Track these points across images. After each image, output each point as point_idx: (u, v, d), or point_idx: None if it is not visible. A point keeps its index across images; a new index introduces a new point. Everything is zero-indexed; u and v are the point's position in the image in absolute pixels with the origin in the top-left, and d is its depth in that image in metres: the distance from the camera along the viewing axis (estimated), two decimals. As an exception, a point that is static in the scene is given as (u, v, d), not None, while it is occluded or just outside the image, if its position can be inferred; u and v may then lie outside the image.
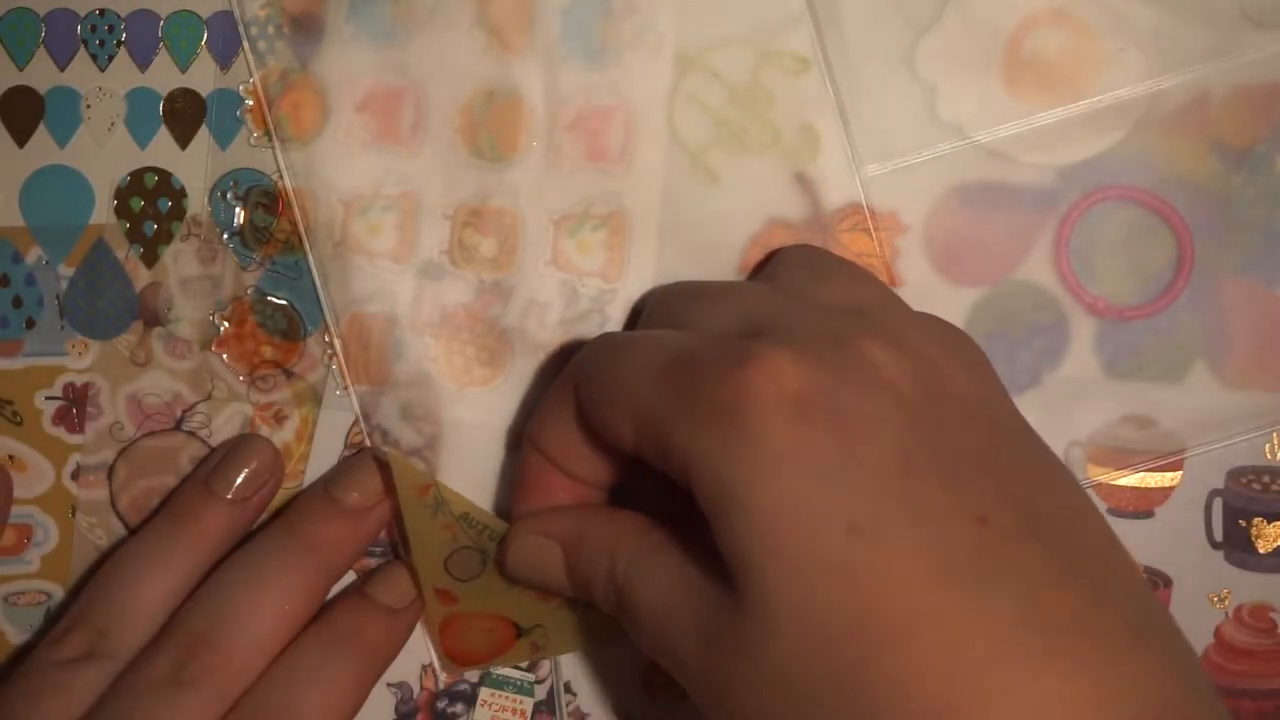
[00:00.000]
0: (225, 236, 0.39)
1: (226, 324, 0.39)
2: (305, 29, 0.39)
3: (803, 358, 0.29)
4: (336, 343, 0.39)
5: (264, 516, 0.39)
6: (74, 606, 0.36)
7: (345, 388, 0.39)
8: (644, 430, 0.31)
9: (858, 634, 0.27)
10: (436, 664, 0.39)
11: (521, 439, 0.36)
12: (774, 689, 0.28)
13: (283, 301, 0.39)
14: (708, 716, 0.31)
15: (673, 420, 0.30)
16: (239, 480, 0.37)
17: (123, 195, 0.39)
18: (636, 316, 0.38)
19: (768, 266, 0.37)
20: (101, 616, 0.35)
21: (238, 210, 0.39)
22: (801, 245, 0.38)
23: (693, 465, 0.30)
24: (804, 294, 0.34)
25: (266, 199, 0.39)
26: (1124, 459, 0.38)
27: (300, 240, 0.39)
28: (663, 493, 0.32)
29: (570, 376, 0.34)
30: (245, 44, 0.39)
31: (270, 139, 0.39)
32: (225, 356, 0.39)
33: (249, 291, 0.39)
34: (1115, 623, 0.27)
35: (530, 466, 0.36)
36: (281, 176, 0.39)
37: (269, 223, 0.39)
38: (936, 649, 0.27)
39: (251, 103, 0.39)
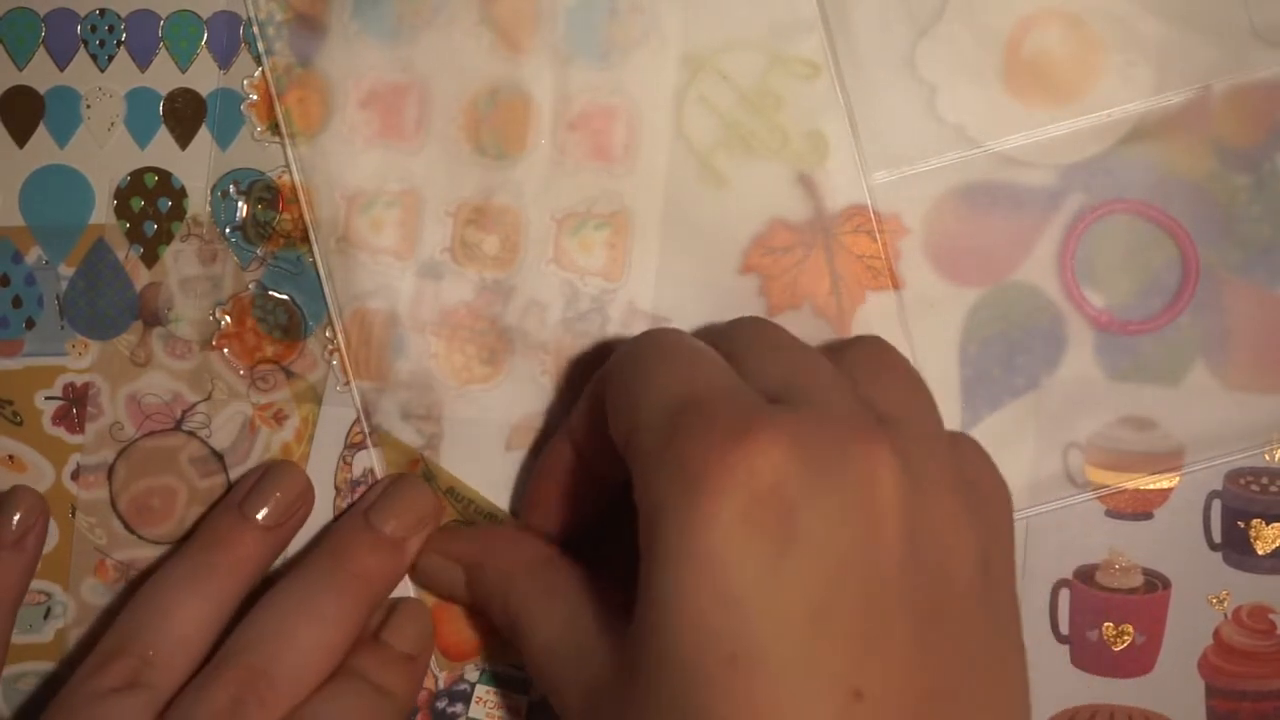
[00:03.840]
0: (227, 231, 0.39)
1: (228, 318, 0.39)
2: (311, 25, 0.39)
3: (799, 450, 0.29)
4: (339, 337, 0.39)
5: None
6: (110, 633, 0.36)
7: (347, 383, 0.39)
8: (629, 447, 0.31)
9: None
10: (433, 662, 0.39)
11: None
12: None
13: (284, 297, 0.39)
14: None
15: (654, 454, 0.30)
16: (272, 506, 0.37)
17: (123, 195, 0.39)
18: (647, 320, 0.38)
19: (839, 346, 0.35)
20: (142, 645, 0.35)
21: (240, 204, 0.39)
22: (877, 340, 0.35)
23: (645, 506, 0.30)
24: (855, 380, 0.33)
25: (269, 194, 0.39)
26: (1123, 462, 0.38)
27: (302, 235, 0.39)
28: None
29: (608, 366, 0.34)
30: (255, 35, 0.39)
31: (274, 133, 0.39)
32: (226, 351, 0.39)
33: (250, 286, 0.39)
34: None
35: (553, 448, 0.36)
36: (285, 171, 0.39)
37: (271, 217, 0.39)
38: None
39: (256, 97, 0.39)
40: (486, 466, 0.39)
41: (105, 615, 0.39)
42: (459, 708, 0.39)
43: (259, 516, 0.37)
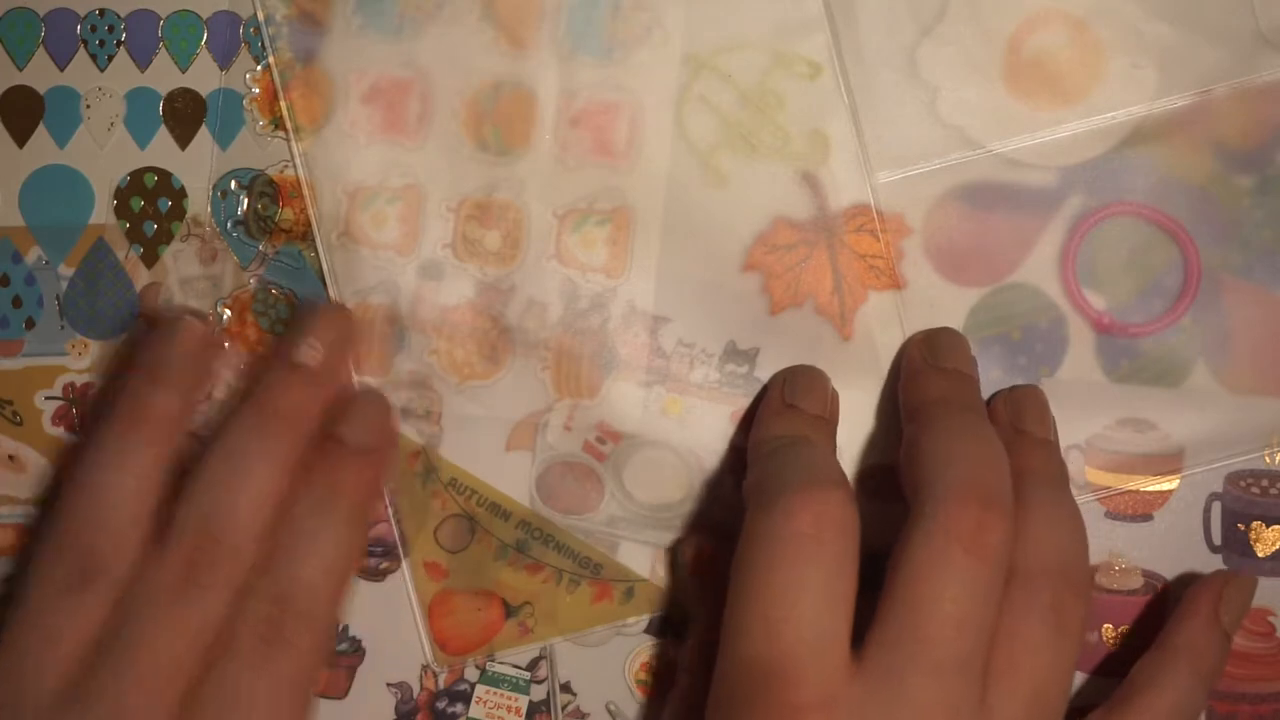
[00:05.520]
0: (229, 225, 0.39)
1: (229, 313, 0.39)
2: (314, 21, 0.39)
3: None
4: (342, 331, 0.39)
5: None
6: (180, 512, 0.35)
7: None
8: None
9: None
10: (429, 655, 0.39)
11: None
12: None
13: (286, 291, 0.39)
14: None
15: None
16: (320, 349, 0.37)
17: (123, 195, 0.39)
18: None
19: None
20: (221, 527, 0.35)
21: (242, 198, 0.39)
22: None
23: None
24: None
25: (270, 188, 0.39)
26: (1123, 464, 0.38)
27: (303, 232, 0.39)
28: None
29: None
30: (259, 31, 0.39)
31: (276, 128, 0.39)
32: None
33: (251, 282, 0.39)
34: None
35: None
36: (286, 166, 0.39)
37: (273, 212, 0.39)
38: None
39: (258, 91, 0.39)
40: (486, 464, 0.39)
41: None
42: (459, 708, 0.39)
43: (307, 359, 0.37)
